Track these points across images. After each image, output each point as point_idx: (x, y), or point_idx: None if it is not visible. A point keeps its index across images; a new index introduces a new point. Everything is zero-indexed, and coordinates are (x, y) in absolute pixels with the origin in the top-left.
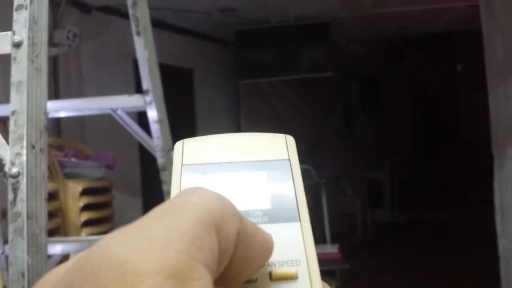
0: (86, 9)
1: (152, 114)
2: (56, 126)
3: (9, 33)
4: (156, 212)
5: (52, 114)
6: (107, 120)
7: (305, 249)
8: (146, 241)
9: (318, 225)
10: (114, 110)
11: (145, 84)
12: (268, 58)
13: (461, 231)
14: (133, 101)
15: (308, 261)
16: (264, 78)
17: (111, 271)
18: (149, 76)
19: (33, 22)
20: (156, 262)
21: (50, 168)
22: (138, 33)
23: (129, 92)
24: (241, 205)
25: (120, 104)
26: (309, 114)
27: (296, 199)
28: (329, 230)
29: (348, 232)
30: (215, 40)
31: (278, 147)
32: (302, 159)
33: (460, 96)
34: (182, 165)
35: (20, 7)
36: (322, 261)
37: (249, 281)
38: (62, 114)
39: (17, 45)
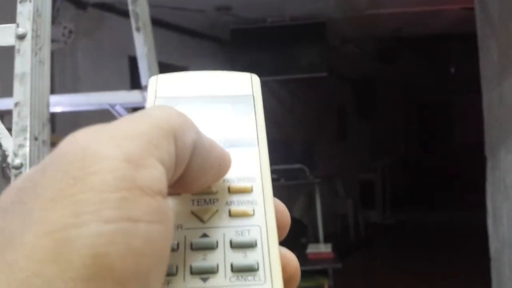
0: (81, 5)
1: None
2: (51, 122)
3: (13, 25)
4: (120, 119)
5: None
6: (101, 116)
7: (260, 168)
8: (107, 135)
9: (312, 225)
10: (112, 106)
11: (144, 80)
12: (262, 58)
13: (453, 232)
14: (131, 97)
15: (263, 179)
16: (258, 77)
17: (75, 154)
18: (148, 72)
19: (37, 14)
20: (115, 149)
21: None
22: (138, 29)
23: (129, 90)
24: (207, 132)
25: (118, 99)
26: (303, 114)
27: (257, 128)
28: (322, 229)
29: (340, 233)
30: (211, 39)
31: (244, 84)
32: (296, 159)
33: (453, 98)
34: (155, 97)
35: None
36: (315, 260)
37: (210, 192)
38: (58, 109)
39: (21, 37)
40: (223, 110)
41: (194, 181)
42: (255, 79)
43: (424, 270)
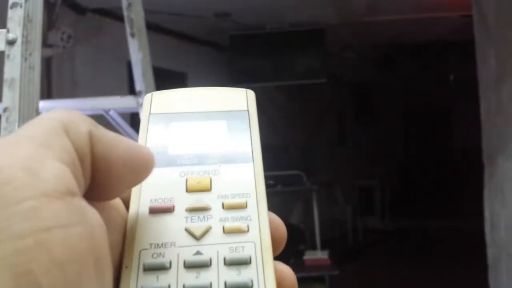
0: (81, 11)
1: None
2: None
3: (3, 30)
4: (17, 130)
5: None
6: (101, 119)
7: (255, 184)
8: None
9: (310, 231)
10: (107, 111)
11: (138, 85)
12: (262, 64)
13: (451, 239)
14: (125, 102)
15: (257, 194)
16: (257, 83)
17: None
18: (142, 77)
19: (27, 20)
20: (9, 158)
21: None
22: (133, 35)
23: (123, 95)
24: (202, 148)
25: (112, 105)
26: (302, 120)
27: (251, 144)
28: (319, 236)
29: (338, 239)
30: (210, 45)
31: (239, 100)
32: (294, 165)
33: (452, 105)
34: (150, 114)
35: (15, 5)
36: (312, 266)
37: (204, 209)
38: None
39: (11, 42)
40: (218, 126)
41: (111, 178)
42: (250, 94)
43: (422, 277)
